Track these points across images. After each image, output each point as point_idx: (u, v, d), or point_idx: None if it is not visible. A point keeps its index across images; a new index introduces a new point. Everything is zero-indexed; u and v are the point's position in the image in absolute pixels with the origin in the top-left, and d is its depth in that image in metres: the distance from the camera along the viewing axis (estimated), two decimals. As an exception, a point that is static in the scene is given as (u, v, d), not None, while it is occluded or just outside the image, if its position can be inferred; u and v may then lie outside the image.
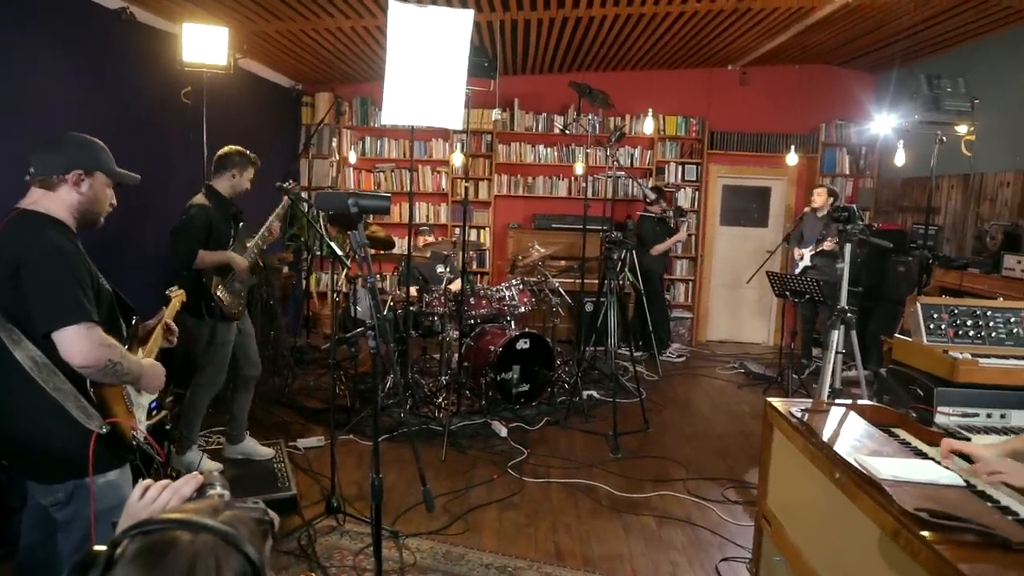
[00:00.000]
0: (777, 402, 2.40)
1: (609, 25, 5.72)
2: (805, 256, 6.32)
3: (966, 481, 1.77)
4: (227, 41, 4.42)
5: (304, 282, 6.49)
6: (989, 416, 2.60)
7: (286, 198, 3.80)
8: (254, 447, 3.91)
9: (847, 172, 7.76)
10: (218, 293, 3.54)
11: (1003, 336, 2.83)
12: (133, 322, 2.20)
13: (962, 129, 3.51)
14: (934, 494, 1.66)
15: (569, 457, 4.38)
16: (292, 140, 7.67)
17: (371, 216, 6.88)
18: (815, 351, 6.51)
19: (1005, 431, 2.56)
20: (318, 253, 7.19)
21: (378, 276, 6.89)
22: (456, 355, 5.03)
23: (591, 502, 3.78)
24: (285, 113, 7.49)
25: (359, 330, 4.83)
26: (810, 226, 6.34)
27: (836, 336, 3.02)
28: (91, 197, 2.02)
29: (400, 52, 3.98)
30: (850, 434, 2.09)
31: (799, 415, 2.22)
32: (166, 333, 2.36)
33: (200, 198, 3.61)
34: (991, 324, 2.84)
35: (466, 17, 4.01)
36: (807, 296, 5.69)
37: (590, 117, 7.17)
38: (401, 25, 3.92)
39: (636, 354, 6.34)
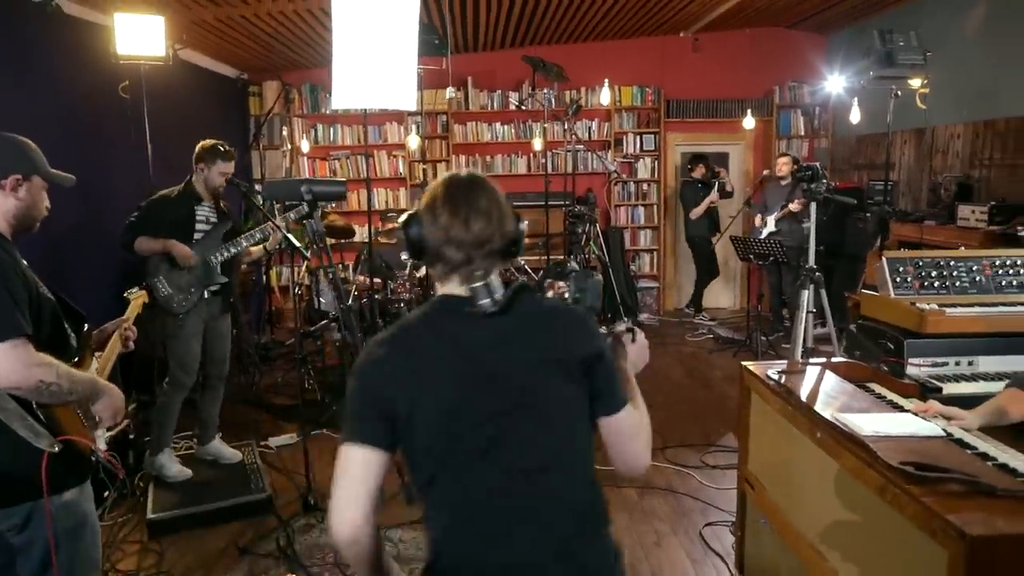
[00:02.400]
0: (752, 365, 2.40)
1: (559, -4, 5.63)
2: (769, 222, 6.36)
3: (944, 431, 1.78)
4: (163, 31, 4.22)
5: (264, 277, 6.32)
6: (958, 364, 2.64)
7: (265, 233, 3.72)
8: (220, 449, 3.81)
9: (803, 133, 7.82)
10: (155, 281, 3.41)
11: (967, 285, 2.86)
12: (85, 330, 2.08)
13: (915, 83, 3.53)
14: (917, 446, 1.66)
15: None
16: (241, 132, 7.43)
17: (329, 205, 6.73)
18: (784, 313, 6.59)
19: (974, 377, 2.59)
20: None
21: (339, 266, 6.75)
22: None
23: (572, 478, 3.76)
24: (232, 104, 7.25)
25: (323, 323, 4.73)
26: (774, 193, 6.38)
27: (806, 296, 3.03)
28: (28, 203, 1.89)
29: (346, 33, 3.84)
30: (827, 392, 2.08)
31: (776, 377, 2.21)
32: (123, 339, 2.25)
33: (171, 188, 3.58)
34: (955, 274, 2.87)
35: (412, -7, 3.88)
36: (771, 258, 5.74)
37: (545, 91, 7.07)
38: (345, 5, 3.78)
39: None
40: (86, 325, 2.11)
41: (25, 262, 1.87)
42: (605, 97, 6.89)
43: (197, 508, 3.29)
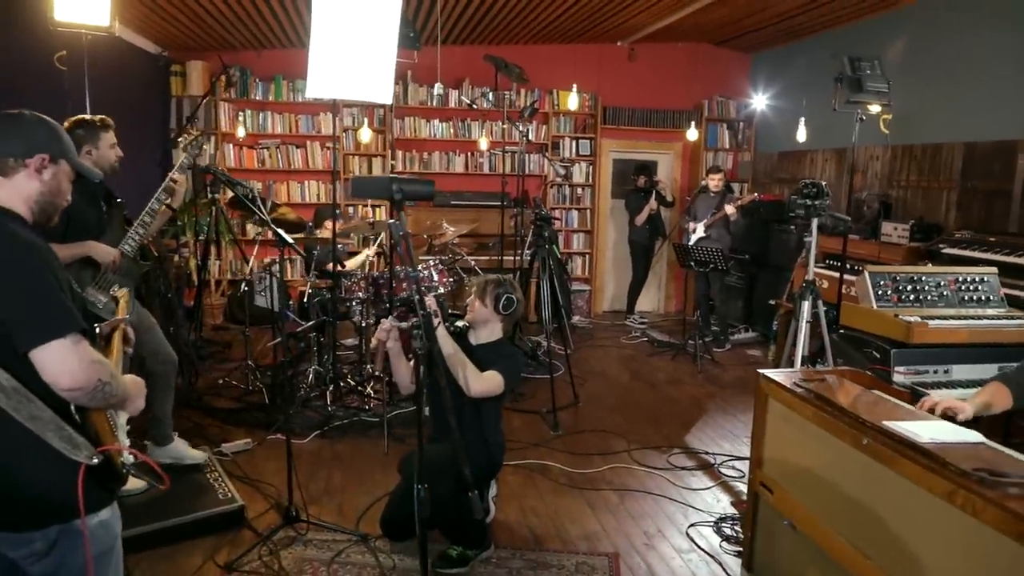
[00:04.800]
0: (772, 373, 2.49)
1: (517, -3, 5.62)
2: (699, 229, 6.64)
3: (983, 438, 1.92)
4: (110, -2, 3.85)
5: (199, 270, 5.91)
6: (935, 372, 2.87)
7: (185, 149, 3.38)
8: (183, 450, 3.52)
9: (727, 146, 8.23)
10: (87, 292, 2.97)
11: (936, 299, 3.12)
12: (97, 330, 1.86)
13: (875, 108, 3.81)
14: (971, 452, 1.78)
15: (512, 438, 4.32)
16: (161, 114, 6.91)
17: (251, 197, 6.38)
18: (712, 319, 6.89)
19: (950, 384, 2.83)
20: (201, 238, 6.57)
21: (287, 260, 6.41)
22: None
23: (548, 481, 3.78)
24: (152, 83, 6.72)
25: (311, 323, 4.49)
26: (703, 203, 6.66)
27: (805, 306, 3.19)
28: (53, 188, 1.68)
29: (325, 21, 3.66)
30: (863, 401, 2.20)
31: (804, 385, 2.31)
32: (124, 341, 2.03)
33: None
34: (926, 288, 3.12)
35: (397, -17, 3.76)
36: (711, 265, 6.00)
37: (488, 92, 7.05)
38: (328, -11, 3.60)
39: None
40: (97, 325, 1.90)
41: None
42: (573, 102, 7.00)
43: (163, 523, 3.02)
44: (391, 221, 1.75)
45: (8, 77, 3.89)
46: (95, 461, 1.60)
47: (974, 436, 1.90)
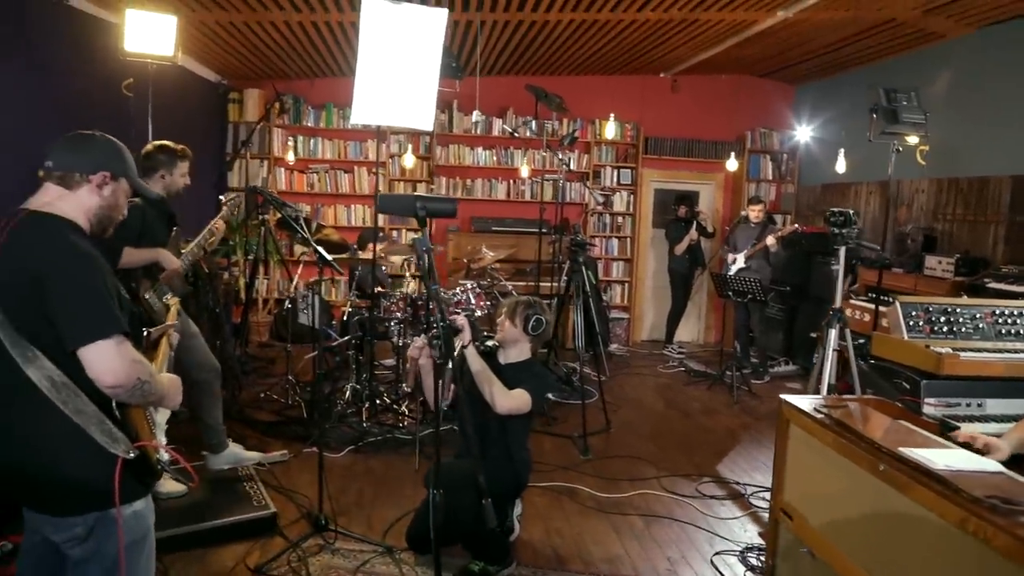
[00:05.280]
0: (794, 399, 2.49)
1: (561, 30, 5.77)
2: (739, 259, 6.61)
3: (1003, 468, 1.90)
4: (175, 31, 4.13)
5: (247, 288, 6.14)
6: (968, 405, 2.82)
7: (226, 204, 3.62)
8: (240, 453, 3.69)
9: (770, 178, 8.19)
10: (146, 296, 3.23)
11: (971, 331, 3.06)
12: (145, 333, 2.00)
13: (913, 139, 3.79)
14: (988, 480, 1.77)
15: (542, 460, 4.36)
16: (219, 139, 7.26)
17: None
18: (751, 350, 6.81)
19: (984, 418, 2.77)
20: (250, 257, 6.84)
21: (330, 280, 6.64)
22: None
23: (575, 504, 3.79)
24: (212, 110, 7.08)
25: (344, 338, 4.64)
26: (744, 234, 6.64)
27: (832, 334, 3.18)
28: (112, 203, 1.84)
29: (372, 50, 3.84)
30: (883, 428, 2.19)
31: (825, 411, 2.31)
32: (171, 346, 2.17)
33: (133, 199, 3.37)
34: (960, 320, 3.07)
35: (440, 16, 3.93)
36: (748, 296, 5.96)
37: (533, 120, 7.20)
38: (375, 21, 3.79)
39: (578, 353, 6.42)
40: (144, 329, 2.04)
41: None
42: (611, 130, 7.10)
43: (199, 526, 3.15)
44: (416, 237, 1.85)
45: (81, 102, 4.17)
46: (131, 455, 1.72)
47: (993, 465, 1.88)
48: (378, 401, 4.86)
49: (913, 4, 5.09)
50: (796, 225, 6.68)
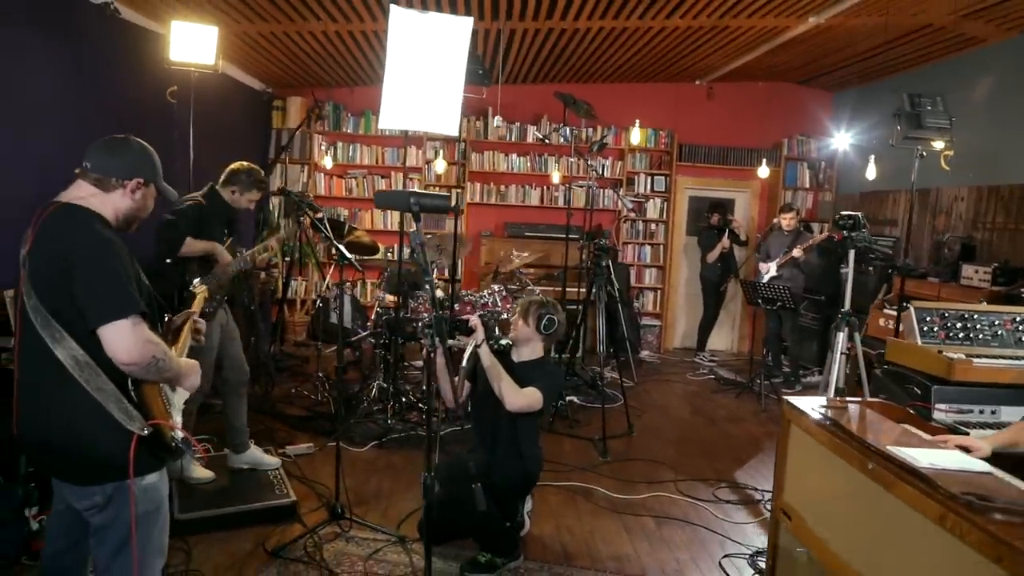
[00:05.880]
0: (795, 400, 2.51)
1: (591, 38, 5.84)
2: (771, 268, 6.54)
3: (992, 468, 1.89)
4: (216, 40, 4.34)
5: (283, 288, 6.36)
6: (982, 412, 2.77)
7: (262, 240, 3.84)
8: (260, 456, 3.83)
9: (807, 186, 8.08)
10: (193, 283, 3.46)
11: (988, 338, 3.01)
12: (166, 319, 2.15)
13: (939, 144, 3.74)
14: (972, 479, 1.77)
15: (560, 461, 4.41)
16: (263, 144, 7.54)
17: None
18: (783, 359, 6.73)
19: (997, 426, 2.72)
20: (288, 259, 7.08)
21: (359, 282, 6.83)
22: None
23: (589, 504, 3.83)
24: (256, 117, 7.37)
25: (363, 334, 4.80)
26: (776, 242, 6.57)
27: (841, 338, 3.17)
28: (141, 205, 2.01)
29: (399, 57, 3.97)
30: (875, 428, 2.20)
31: (823, 411, 2.32)
32: (194, 332, 2.31)
33: (196, 195, 3.62)
34: (978, 327, 3.03)
35: (465, 24, 4.04)
36: (778, 304, 5.90)
37: (567, 127, 7.28)
38: (401, 30, 3.92)
39: (612, 360, 6.44)
40: (166, 315, 2.19)
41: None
42: (636, 136, 7.10)
43: (223, 510, 3.31)
44: (410, 231, 1.94)
45: (128, 108, 4.43)
46: (145, 432, 1.86)
47: (981, 465, 1.88)
48: (404, 399, 4.98)
49: (949, 8, 5.00)
50: (826, 234, 6.57)
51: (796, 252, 6.20)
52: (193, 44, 4.29)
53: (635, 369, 6.75)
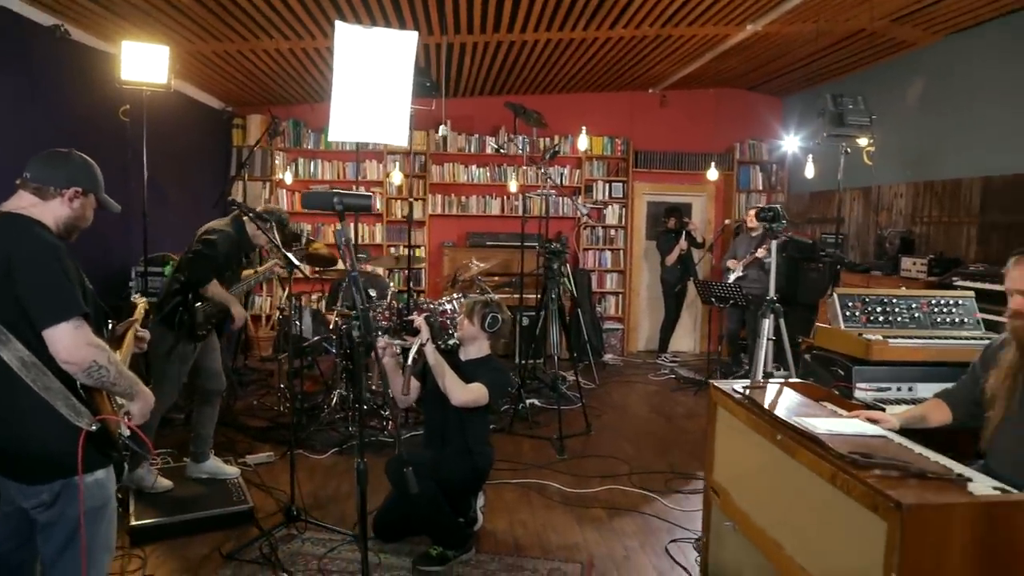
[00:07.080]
0: (720, 383, 2.65)
1: (540, 50, 6.01)
2: (737, 269, 6.72)
3: (886, 432, 2.04)
4: (167, 60, 4.42)
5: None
6: (899, 389, 2.94)
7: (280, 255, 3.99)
8: (219, 466, 3.88)
9: (760, 188, 8.32)
10: (197, 307, 3.67)
11: (907, 320, 3.19)
12: (110, 326, 2.23)
13: (863, 141, 3.94)
14: (863, 442, 1.92)
15: (517, 460, 4.52)
16: (224, 162, 7.60)
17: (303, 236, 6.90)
18: (742, 356, 6.91)
19: (913, 402, 2.89)
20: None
21: (317, 296, 6.89)
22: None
23: (543, 499, 3.94)
24: (216, 135, 7.43)
25: (315, 339, 4.88)
26: (744, 243, 6.77)
27: (767, 324, 3.32)
28: (79, 214, 2.09)
29: (346, 72, 4.09)
30: (787, 404, 2.34)
31: (742, 391, 2.47)
32: (137, 340, 2.39)
33: (226, 224, 3.83)
34: (896, 311, 3.21)
35: (410, 38, 4.17)
36: (731, 301, 6.08)
37: (522, 137, 7.44)
38: (347, 46, 4.04)
39: (579, 364, 6.57)
40: (110, 322, 2.27)
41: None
42: (583, 143, 7.26)
43: (179, 517, 3.36)
44: (336, 229, 2.05)
45: (80, 127, 4.49)
46: (94, 428, 1.94)
47: (876, 430, 2.03)
48: (364, 407, 5.05)
49: (880, 14, 5.25)
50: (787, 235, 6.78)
51: (760, 252, 6.39)
52: (145, 64, 4.36)
53: (597, 372, 6.88)
